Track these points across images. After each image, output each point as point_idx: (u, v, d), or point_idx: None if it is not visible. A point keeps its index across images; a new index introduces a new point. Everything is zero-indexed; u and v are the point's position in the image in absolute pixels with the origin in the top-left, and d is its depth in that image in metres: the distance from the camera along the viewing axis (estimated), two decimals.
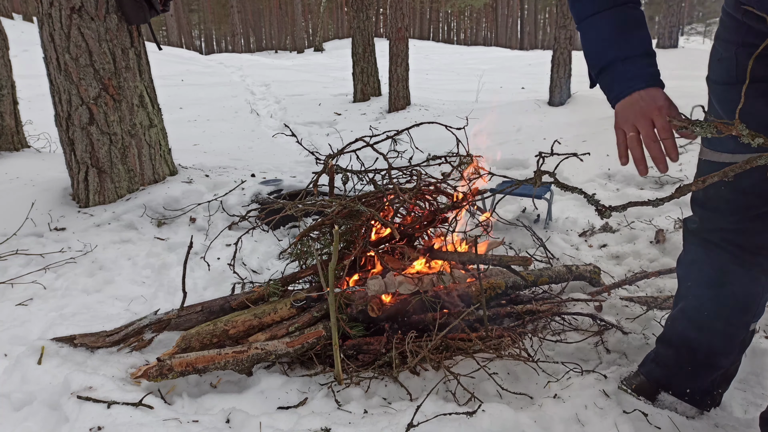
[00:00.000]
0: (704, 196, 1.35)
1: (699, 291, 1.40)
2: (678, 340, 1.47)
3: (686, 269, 1.44)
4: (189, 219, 3.26)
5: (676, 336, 1.47)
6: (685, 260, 1.45)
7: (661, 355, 1.52)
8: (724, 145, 1.24)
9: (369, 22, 9.50)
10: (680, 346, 1.46)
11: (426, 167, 2.25)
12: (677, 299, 1.49)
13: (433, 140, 4.77)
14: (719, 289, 1.36)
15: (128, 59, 3.29)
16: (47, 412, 1.52)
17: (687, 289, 1.44)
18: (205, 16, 46.15)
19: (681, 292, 1.48)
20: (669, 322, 1.52)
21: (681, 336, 1.46)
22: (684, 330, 1.45)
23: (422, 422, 1.41)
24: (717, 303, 1.37)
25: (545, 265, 2.64)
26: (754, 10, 1.06)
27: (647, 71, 1.10)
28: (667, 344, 1.50)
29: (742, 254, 1.31)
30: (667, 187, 3.84)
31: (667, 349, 1.50)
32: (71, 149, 3.29)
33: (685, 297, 1.44)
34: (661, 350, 1.52)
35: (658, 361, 1.53)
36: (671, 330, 1.50)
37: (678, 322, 1.47)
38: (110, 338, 1.89)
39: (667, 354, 1.50)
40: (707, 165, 1.30)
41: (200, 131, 7.45)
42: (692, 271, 1.42)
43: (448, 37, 49.80)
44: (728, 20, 1.20)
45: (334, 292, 1.64)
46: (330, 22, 45.37)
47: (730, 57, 1.18)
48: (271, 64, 16.60)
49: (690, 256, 1.43)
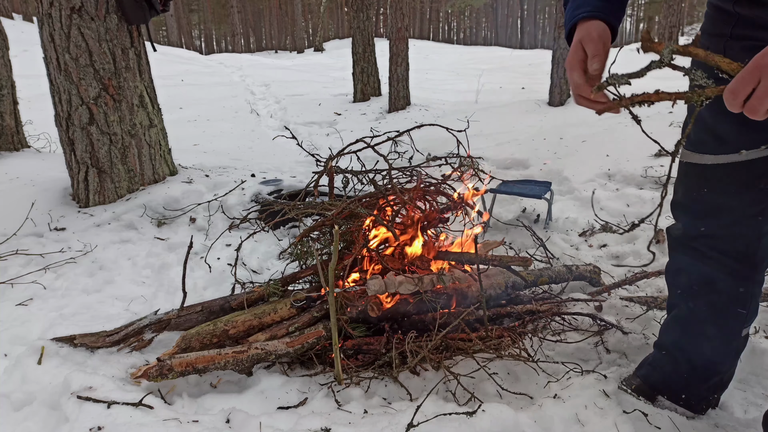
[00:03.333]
0: (686, 202, 1.34)
1: (688, 300, 1.39)
2: (673, 347, 1.47)
3: (673, 278, 1.44)
4: (189, 219, 3.26)
5: (671, 343, 1.48)
6: (671, 269, 1.45)
7: (657, 360, 1.53)
8: (706, 146, 1.23)
9: (369, 22, 9.50)
10: (675, 354, 1.46)
11: (426, 168, 2.25)
12: (669, 307, 1.49)
13: (434, 140, 4.78)
14: (708, 297, 1.35)
15: (128, 59, 3.29)
16: (47, 412, 1.52)
17: (677, 297, 1.44)
18: (205, 16, 46.15)
19: (671, 300, 1.48)
20: (663, 329, 1.52)
21: (675, 344, 1.46)
22: (678, 338, 1.45)
23: (422, 422, 1.40)
24: (707, 311, 1.36)
25: (545, 265, 2.64)
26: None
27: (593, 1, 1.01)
28: (662, 351, 1.51)
29: (727, 261, 1.29)
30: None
31: (663, 355, 1.50)
32: (71, 149, 3.29)
33: (677, 305, 1.44)
34: (658, 356, 1.53)
35: (655, 365, 1.53)
36: (666, 337, 1.50)
37: (671, 330, 1.48)
38: (110, 338, 1.89)
39: (663, 360, 1.50)
40: (691, 168, 1.29)
41: (200, 131, 7.45)
42: (679, 280, 1.42)
43: (448, 37, 49.79)
44: (716, 13, 1.17)
45: (334, 292, 1.64)
46: (330, 22, 45.37)
47: (719, 51, 1.13)
48: (271, 64, 16.60)
49: (676, 264, 1.43)
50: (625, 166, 4.30)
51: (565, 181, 4.16)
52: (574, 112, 6.70)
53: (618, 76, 0.88)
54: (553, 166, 4.50)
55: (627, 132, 5.25)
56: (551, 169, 4.38)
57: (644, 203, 3.52)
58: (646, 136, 1.08)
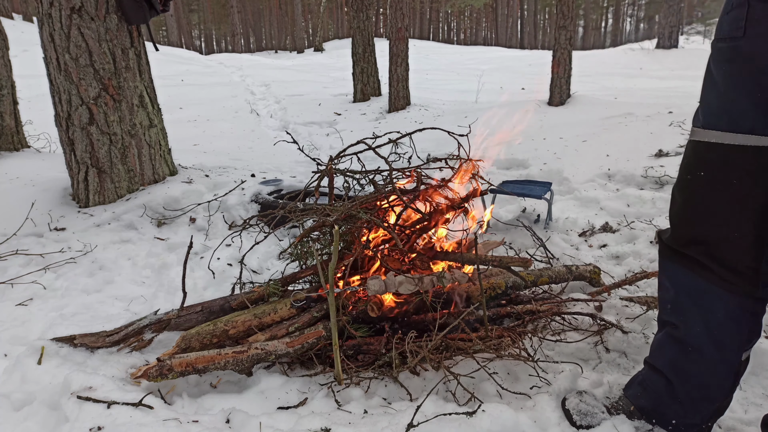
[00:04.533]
0: (683, 202, 1.21)
1: (682, 316, 1.25)
2: (666, 366, 1.33)
3: (665, 291, 1.30)
4: (189, 219, 3.26)
5: (664, 362, 1.33)
6: (663, 280, 1.31)
7: (647, 381, 1.39)
8: (717, 124, 1.09)
9: (369, 22, 9.50)
10: (669, 374, 1.32)
11: (426, 169, 2.25)
12: (661, 323, 1.35)
13: (433, 140, 4.78)
14: (700, 314, 1.21)
15: (128, 59, 3.29)
16: (47, 412, 1.52)
17: (669, 313, 1.29)
18: (205, 16, 46.15)
19: (663, 316, 1.33)
20: (656, 347, 1.37)
21: (669, 362, 1.32)
22: (672, 356, 1.31)
23: (422, 422, 1.41)
24: (703, 329, 1.21)
25: (545, 265, 2.64)
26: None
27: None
28: (655, 370, 1.37)
29: (726, 273, 1.15)
30: (666, 187, 3.84)
31: (655, 374, 1.36)
32: (71, 149, 3.29)
33: (668, 322, 1.31)
34: (649, 375, 1.39)
35: (646, 386, 1.40)
36: (659, 356, 1.36)
37: (666, 348, 1.33)
38: (110, 338, 1.89)
39: (654, 381, 1.37)
40: (692, 146, 1.17)
41: (200, 131, 7.45)
42: (672, 293, 1.27)
43: (448, 37, 49.79)
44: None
45: (334, 292, 1.64)
46: (330, 22, 45.37)
47: (742, 3, 1.04)
48: (271, 64, 16.60)
49: (667, 274, 1.29)
50: (625, 166, 4.30)
51: (565, 181, 4.16)
52: (574, 112, 6.70)
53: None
54: (553, 166, 4.50)
55: (627, 132, 5.26)
56: (551, 169, 4.38)
57: (644, 203, 3.52)
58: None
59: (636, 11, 49.81)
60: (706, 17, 33.52)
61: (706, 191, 1.15)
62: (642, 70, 12.98)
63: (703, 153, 1.15)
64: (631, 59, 14.74)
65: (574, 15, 7.24)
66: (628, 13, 51.29)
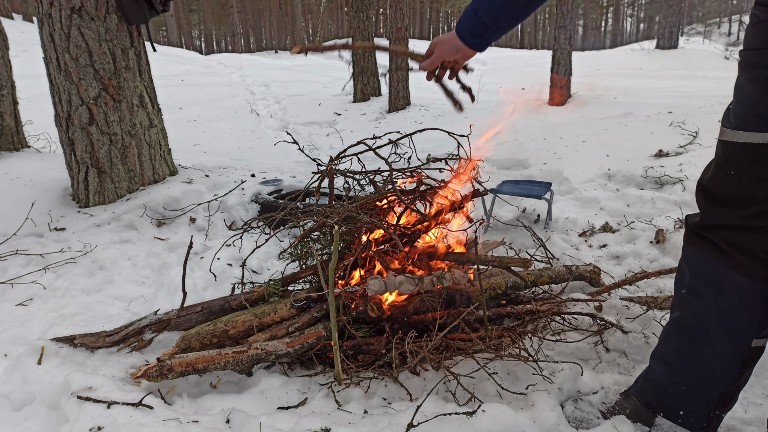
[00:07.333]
0: (709, 185, 1.24)
1: (694, 298, 1.28)
2: (670, 354, 1.35)
3: (682, 274, 1.33)
4: (189, 219, 3.26)
5: (669, 350, 1.36)
6: (682, 264, 1.33)
7: (653, 372, 1.41)
8: (746, 125, 1.13)
9: (369, 22, 9.51)
10: (673, 362, 1.34)
11: (426, 169, 2.25)
12: (672, 309, 1.37)
13: (433, 140, 4.76)
14: (715, 299, 1.24)
15: (128, 59, 3.29)
16: (47, 412, 1.52)
17: (682, 297, 1.32)
18: (205, 16, 46.14)
19: (675, 300, 1.36)
20: (662, 336, 1.40)
21: (674, 350, 1.34)
22: (677, 343, 1.33)
23: (422, 422, 1.40)
24: (714, 312, 1.24)
25: (545, 266, 2.64)
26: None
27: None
28: (659, 360, 1.39)
29: (746, 259, 1.18)
30: (666, 187, 3.84)
31: (660, 365, 1.39)
32: (71, 149, 3.29)
33: (680, 306, 1.33)
34: (654, 367, 1.41)
35: (650, 378, 1.42)
36: (664, 344, 1.38)
37: (671, 335, 1.35)
38: (110, 338, 1.89)
39: (659, 371, 1.39)
40: (722, 146, 1.19)
41: (200, 131, 7.45)
42: (688, 277, 1.30)
43: None
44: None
45: (333, 292, 1.64)
46: (330, 22, 45.36)
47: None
48: (271, 64, 16.60)
49: (687, 258, 1.31)
50: (625, 166, 4.30)
51: (565, 181, 4.16)
52: (574, 112, 6.70)
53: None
54: (553, 166, 4.50)
55: (627, 132, 5.26)
56: (551, 169, 4.38)
57: (644, 203, 3.51)
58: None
59: (636, 11, 49.79)
60: (706, 17, 33.44)
61: (735, 184, 1.19)
62: (642, 70, 12.97)
63: (733, 151, 1.19)
64: (631, 59, 14.73)
65: (574, 15, 7.24)
66: (628, 13, 51.30)
